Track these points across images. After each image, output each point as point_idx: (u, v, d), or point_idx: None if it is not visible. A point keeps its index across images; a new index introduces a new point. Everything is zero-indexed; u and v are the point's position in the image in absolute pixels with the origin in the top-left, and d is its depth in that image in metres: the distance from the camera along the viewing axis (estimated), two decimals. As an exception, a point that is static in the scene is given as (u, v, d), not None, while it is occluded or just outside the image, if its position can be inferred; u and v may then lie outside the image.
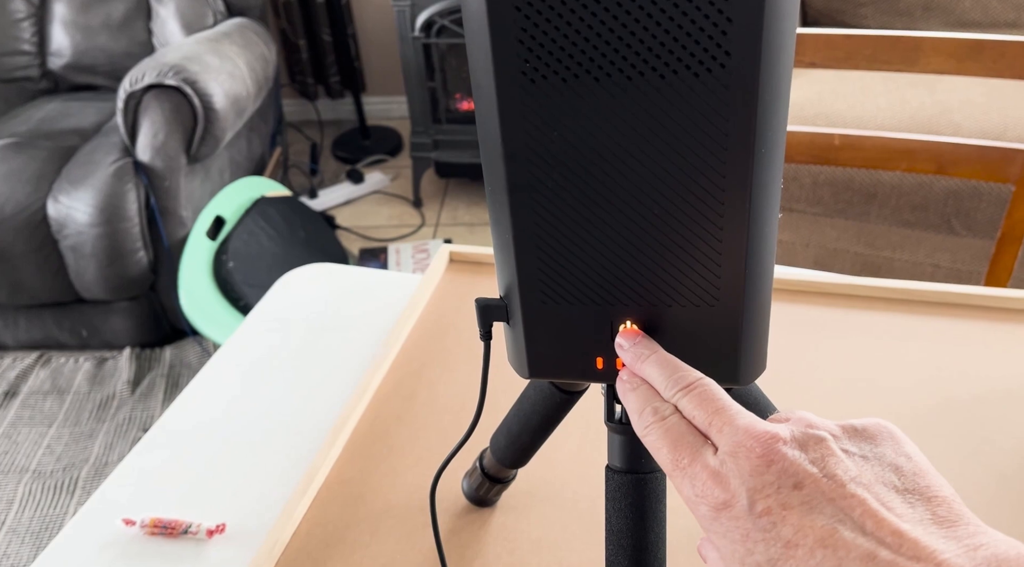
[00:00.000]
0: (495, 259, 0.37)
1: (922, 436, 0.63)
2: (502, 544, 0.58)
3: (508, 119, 0.31)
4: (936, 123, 1.57)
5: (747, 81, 0.29)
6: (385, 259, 2.21)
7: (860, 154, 1.22)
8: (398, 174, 2.63)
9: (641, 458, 0.41)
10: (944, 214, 1.61)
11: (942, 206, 1.60)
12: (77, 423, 1.81)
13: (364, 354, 0.77)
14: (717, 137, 0.30)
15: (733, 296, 0.34)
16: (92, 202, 1.76)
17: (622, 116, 0.30)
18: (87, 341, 1.98)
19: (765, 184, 0.31)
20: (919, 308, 0.75)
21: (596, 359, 0.37)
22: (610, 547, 0.41)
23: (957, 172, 1.18)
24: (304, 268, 0.92)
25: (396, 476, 0.64)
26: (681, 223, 0.32)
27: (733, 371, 0.36)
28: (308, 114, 2.92)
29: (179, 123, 1.80)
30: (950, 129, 1.55)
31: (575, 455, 0.63)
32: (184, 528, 0.61)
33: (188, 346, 1.97)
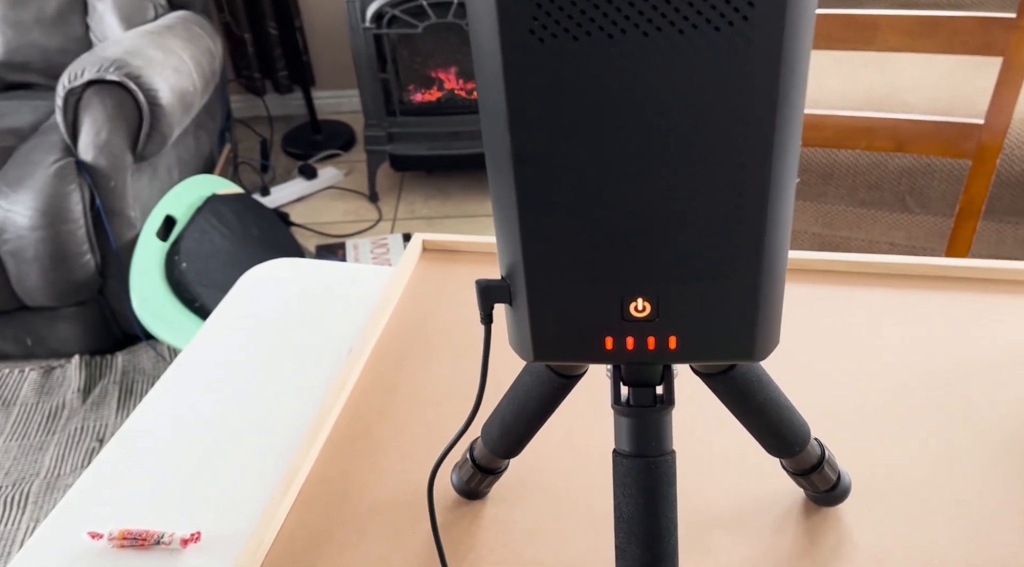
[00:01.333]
0: (496, 237, 0.35)
1: (896, 407, 0.63)
2: (495, 536, 0.56)
3: (514, 84, 0.29)
4: (888, 102, 1.59)
5: (772, 35, 0.27)
6: (343, 255, 2.17)
7: (820, 134, 1.22)
8: (352, 169, 2.58)
9: (651, 441, 0.39)
10: (898, 192, 1.63)
11: (896, 184, 1.62)
12: (25, 436, 1.73)
13: (337, 349, 0.74)
14: (739, 97, 0.28)
15: (751, 266, 0.32)
16: (32, 205, 1.68)
17: (637, 77, 0.29)
18: (32, 350, 1.90)
19: (786, 146, 0.30)
20: (886, 281, 0.76)
21: (606, 339, 0.36)
22: (620, 535, 0.40)
23: (915, 148, 1.20)
24: (267, 264, 0.88)
25: (381, 472, 0.61)
26: (699, 190, 0.31)
27: (748, 346, 0.35)
28: (257, 110, 2.84)
29: (123, 120, 1.73)
30: (901, 108, 1.57)
31: (564, 442, 0.62)
32: (156, 538, 0.58)
33: (141, 351, 1.90)
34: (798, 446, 0.49)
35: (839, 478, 0.54)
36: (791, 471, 0.53)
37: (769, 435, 0.49)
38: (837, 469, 0.54)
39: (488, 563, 0.54)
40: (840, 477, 0.54)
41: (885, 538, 0.54)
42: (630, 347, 0.35)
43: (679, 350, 0.35)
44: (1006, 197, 1.56)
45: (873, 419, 0.62)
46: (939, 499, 0.56)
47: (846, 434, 0.61)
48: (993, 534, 0.53)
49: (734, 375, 0.44)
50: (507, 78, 0.29)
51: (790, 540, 0.54)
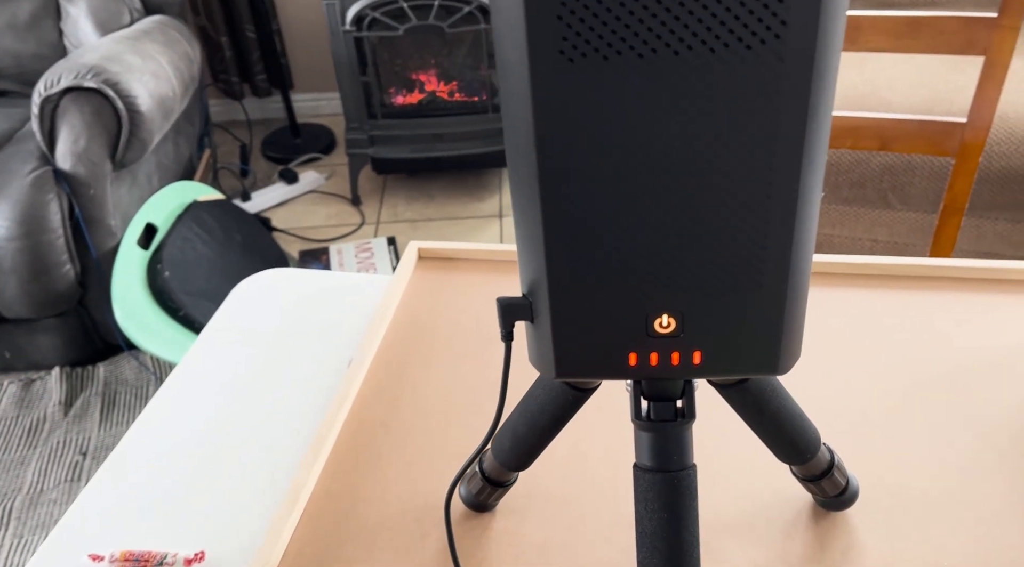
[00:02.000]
0: (518, 253, 0.34)
1: (901, 409, 0.63)
2: (506, 549, 0.56)
3: (542, 102, 0.29)
4: (868, 101, 1.61)
5: (804, 53, 0.27)
6: (327, 260, 2.15)
7: (806, 134, 1.23)
8: (333, 172, 2.56)
9: (673, 455, 0.39)
10: (880, 189, 1.65)
11: (878, 182, 1.64)
12: (6, 450, 1.70)
13: (336, 361, 0.74)
14: (770, 115, 0.28)
15: (778, 280, 0.32)
16: (9, 215, 1.65)
17: (668, 96, 0.28)
18: (11, 363, 1.87)
19: (814, 161, 0.30)
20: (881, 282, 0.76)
21: (630, 355, 0.35)
22: (643, 550, 0.40)
23: (899, 147, 1.21)
24: (258, 275, 0.87)
25: (387, 486, 0.61)
26: (727, 206, 0.31)
27: (772, 360, 0.35)
28: (235, 114, 2.81)
29: (101, 127, 1.71)
30: (881, 106, 1.59)
31: (572, 453, 0.62)
32: (159, 559, 0.57)
33: (123, 362, 1.88)
34: (809, 453, 0.50)
35: (848, 483, 0.54)
36: (801, 477, 0.53)
37: (781, 443, 0.49)
38: (846, 474, 0.54)
39: (500, 577, 0.54)
40: (849, 482, 0.54)
41: (895, 542, 0.54)
42: (654, 363, 0.35)
43: (703, 365, 0.35)
44: (986, 193, 1.59)
45: (877, 422, 0.63)
46: (946, 501, 0.56)
47: (852, 438, 0.61)
48: (1002, 536, 0.54)
49: (750, 386, 0.44)
50: (535, 97, 0.29)
51: (800, 545, 0.54)
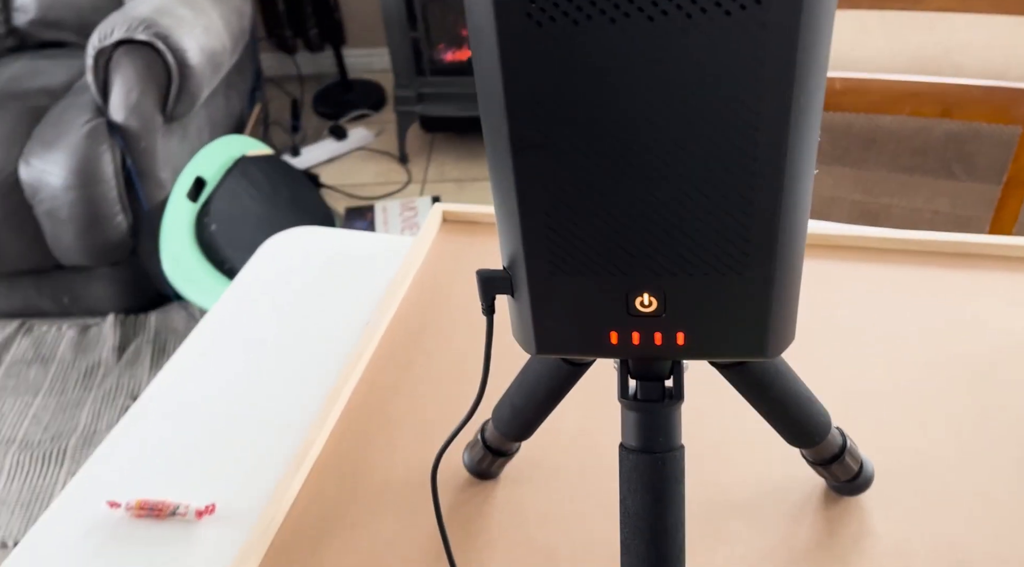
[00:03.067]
0: (497, 226, 0.33)
1: (925, 394, 0.60)
2: (508, 518, 0.56)
3: (511, 69, 0.28)
4: (938, 64, 1.52)
5: (788, 20, 0.25)
6: (372, 218, 2.17)
7: (863, 98, 1.18)
8: (382, 129, 2.56)
9: (659, 436, 0.38)
10: (944, 159, 1.57)
11: (942, 150, 1.56)
12: (63, 392, 1.77)
13: (357, 321, 0.74)
14: (751, 86, 0.26)
15: (764, 260, 0.31)
16: (66, 165, 1.70)
17: (642, 63, 0.27)
18: (69, 308, 1.94)
19: (803, 136, 0.28)
20: (923, 259, 0.72)
21: (610, 334, 0.34)
22: (626, 530, 0.39)
23: (962, 114, 1.15)
24: (289, 232, 0.88)
25: (395, 450, 0.61)
26: (708, 182, 0.29)
27: (760, 343, 0.33)
28: (287, 69, 2.83)
29: (153, 80, 1.73)
30: (952, 70, 1.51)
31: (579, 425, 0.61)
32: (172, 510, 0.58)
33: (174, 311, 1.93)
34: (818, 437, 0.48)
35: (861, 468, 0.52)
36: (811, 461, 0.52)
37: (787, 426, 0.47)
38: (859, 458, 0.52)
39: (499, 546, 0.54)
40: (863, 467, 0.52)
41: (908, 530, 0.52)
42: (636, 343, 0.34)
43: (687, 346, 0.34)
44: (1057, 164, 1.49)
45: (902, 406, 0.60)
46: (966, 491, 0.54)
47: (873, 421, 0.59)
48: (1021, 530, 0.51)
49: (750, 367, 0.42)
50: (504, 64, 0.28)
51: (809, 530, 0.53)
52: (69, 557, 0.56)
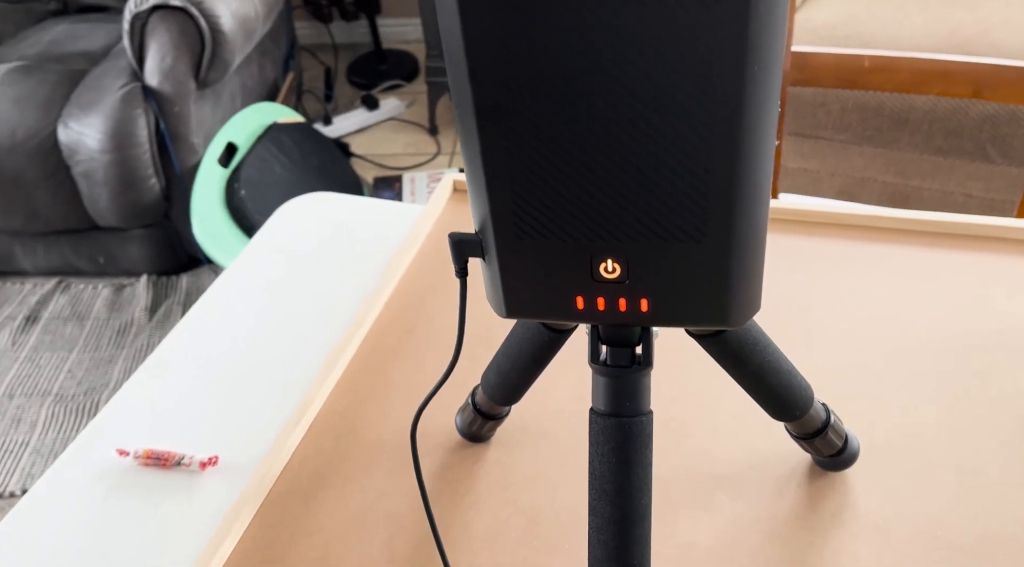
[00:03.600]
0: (468, 191, 0.34)
1: (942, 378, 0.60)
2: (495, 480, 0.57)
3: (473, 32, 0.28)
4: (976, 43, 1.48)
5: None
6: (400, 188, 2.18)
7: (892, 77, 1.15)
8: (414, 100, 2.57)
9: (626, 401, 0.39)
10: (979, 141, 1.54)
11: (977, 132, 1.52)
12: (97, 348, 1.83)
13: (364, 285, 0.75)
14: (704, 54, 0.27)
15: (722, 231, 0.31)
16: (102, 128, 1.74)
17: (598, 30, 0.27)
18: (104, 268, 1.99)
19: (758, 108, 0.28)
20: (946, 241, 0.72)
21: (576, 298, 0.35)
22: (592, 491, 0.40)
23: (995, 96, 1.12)
24: (306, 197, 0.90)
25: (390, 410, 0.63)
26: (665, 150, 0.29)
27: (723, 312, 0.34)
28: (322, 37, 2.84)
29: (187, 46, 1.76)
30: (990, 49, 1.46)
31: (572, 391, 0.62)
32: (177, 460, 0.61)
33: (204, 274, 1.98)
34: (799, 410, 0.48)
35: (846, 443, 0.53)
36: (795, 435, 0.52)
37: (768, 398, 0.47)
38: (843, 434, 0.52)
39: (485, 506, 0.55)
40: (847, 442, 0.53)
41: (888, 506, 0.52)
42: (601, 308, 0.35)
43: (651, 313, 0.34)
44: (1097, 150, 1.45)
45: (896, 384, 0.60)
46: (951, 470, 0.54)
47: (865, 398, 0.59)
48: (1004, 509, 0.51)
49: (726, 338, 0.42)
50: (464, 27, 0.28)
51: (790, 502, 0.53)
52: (79, 500, 0.59)
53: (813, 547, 0.51)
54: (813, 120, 1.60)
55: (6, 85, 1.81)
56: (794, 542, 0.51)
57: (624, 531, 0.39)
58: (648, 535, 0.40)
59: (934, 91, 1.14)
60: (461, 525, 0.54)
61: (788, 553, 0.50)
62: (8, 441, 1.62)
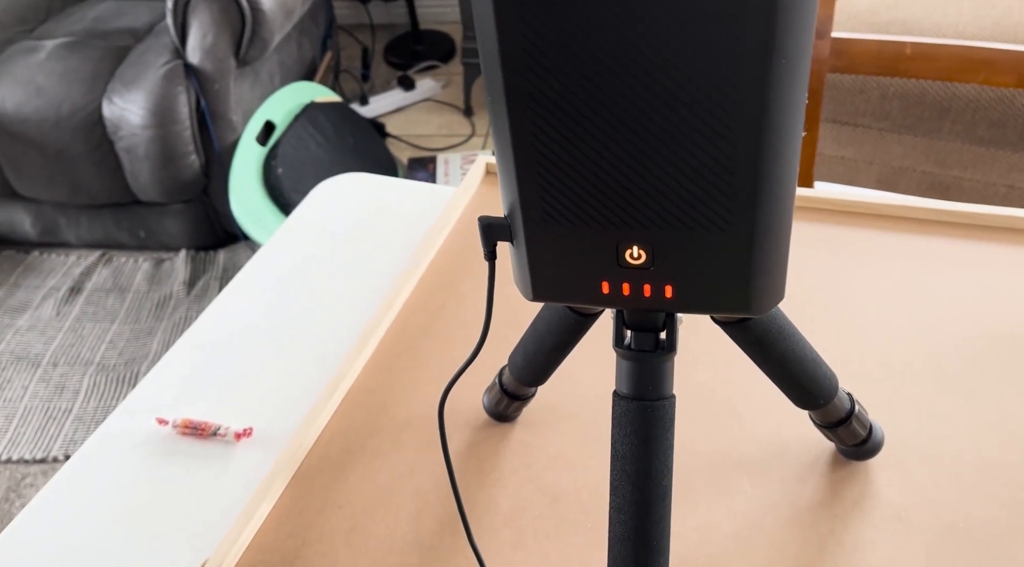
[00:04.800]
0: (498, 175, 0.35)
1: (969, 371, 0.60)
2: (519, 459, 0.58)
3: (504, 21, 0.29)
4: (1023, 30, 1.45)
5: (767, -20, 0.26)
6: (434, 169, 2.20)
7: (933, 64, 1.13)
8: (449, 81, 2.57)
9: (649, 385, 0.39)
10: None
11: (1022, 122, 1.49)
12: (137, 320, 1.88)
13: (396, 265, 0.77)
14: (731, 43, 0.27)
15: (746, 220, 0.31)
16: (144, 104, 1.77)
17: (627, 20, 0.28)
18: (145, 242, 2.04)
19: (784, 98, 0.28)
20: (983, 233, 0.71)
21: (602, 283, 0.36)
22: (614, 472, 0.41)
23: (1040, 86, 1.10)
24: (341, 177, 0.91)
25: (420, 387, 0.64)
26: (690, 140, 0.30)
27: (745, 301, 0.34)
28: (360, 17, 2.85)
29: (227, 24, 1.78)
30: (1039, 38, 1.43)
31: (598, 375, 0.63)
32: (213, 430, 0.63)
33: (240, 250, 2.01)
34: (823, 399, 0.49)
35: (870, 433, 0.53)
36: (818, 423, 0.52)
37: (792, 386, 0.48)
38: (868, 424, 0.53)
39: (509, 484, 0.56)
40: (871, 432, 0.53)
41: (910, 496, 0.52)
42: (626, 294, 0.35)
43: (675, 299, 0.35)
44: None
45: (923, 375, 0.60)
46: (974, 462, 0.54)
47: (891, 388, 0.59)
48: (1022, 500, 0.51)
49: (751, 325, 0.43)
50: (497, 16, 0.29)
51: (812, 490, 0.54)
52: (120, 466, 0.61)
53: (833, 534, 0.51)
54: (852, 107, 1.57)
55: (53, 60, 1.85)
56: (814, 529, 0.52)
57: (644, 511, 0.40)
58: (668, 516, 0.41)
59: (977, 79, 1.12)
60: (485, 502, 0.56)
61: (808, 539, 0.51)
62: (52, 408, 1.67)
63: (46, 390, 1.71)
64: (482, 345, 0.42)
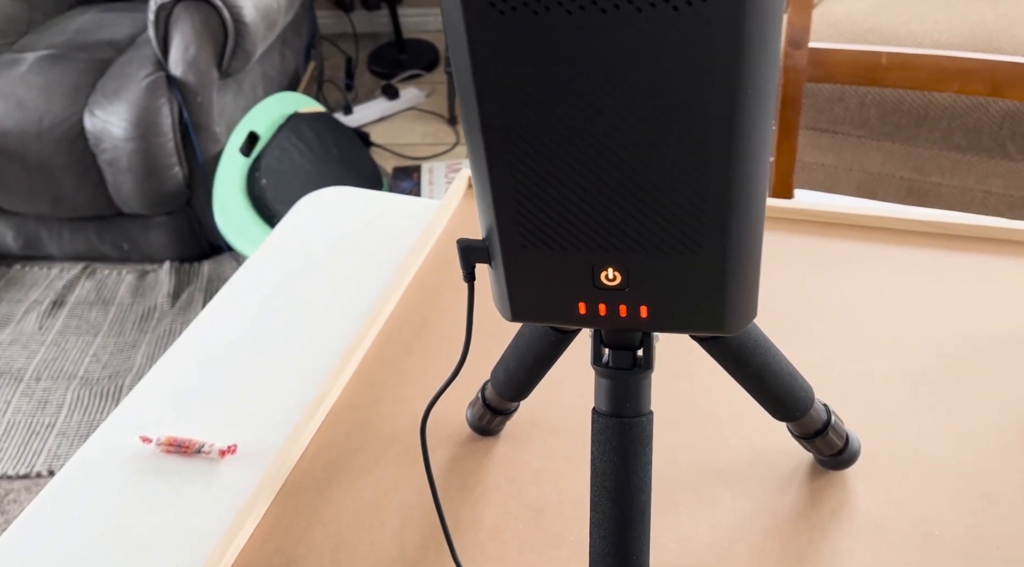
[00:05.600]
0: (475, 199, 0.35)
1: (946, 381, 0.61)
2: (503, 473, 0.59)
3: (478, 53, 0.30)
4: (997, 39, 1.47)
5: (732, 13, 0.26)
6: (418, 178, 2.20)
7: (909, 74, 1.15)
8: (433, 90, 2.58)
9: (627, 402, 0.40)
10: (999, 138, 1.53)
11: (997, 129, 1.51)
12: (121, 333, 1.87)
13: (380, 279, 0.77)
14: (699, 75, 0.28)
15: (718, 244, 0.32)
16: (126, 116, 1.77)
17: (596, 52, 0.28)
18: (128, 254, 2.03)
19: (752, 126, 0.29)
20: (959, 243, 0.72)
21: (578, 304, 0.36)
22: (594, 488, 0.41)
23: (1013, 94, 1.12)
24: (325, 190, 0.91)
25: (404, 403, 0.64)
26: (662, 167, 0.31)
27: (719, 320, 0.35)
28: (343, 27, 2.86)
29: (210, 36, 1.78)
30: (1011, 46, 1.45)
31: (581, 389, 0.63)
32: (198, 447, 0.63)
33: (225, 261, 2.01)
34: (799, 412, 0.49)
35: (847, 443, 0.54)
36: (796, 434, 0.53)
37: (769, 399, 0.49)
38: (844, 434, 0.53)
39: (493, 498, 0.57)
40: (848, 442, 0.54)
41: (887, 505, 0.53)
42: (603, 314, 0.36)
43: (650, 319, 0.36)
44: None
45: (900, 386, 0.61)
46: (950, 472, 0.55)
47: (869, 399, 0.60)
48: (1002, 511, 0.52)
49: (727, 341, 0.44)
50: (471, 48, 0.30)
51: (791, 500, 0.55)
52: (104, 484, 0.61)
53: (812, 544, 0.52)
54: (831, 115, 1.59)
55: (34, 73, 1.84)
56: (793, 539, 0.52)
57: (624, 527, 0.40)
58: (647, 532, 0.41)
59: (952, 89, 1.13)
60: (469, 516, 0.56)
61: (787, 549, 0.52)
62: (35, 423, 1.66)
63: (29, 405, 1.70)
64: (462, 365, 0.43)
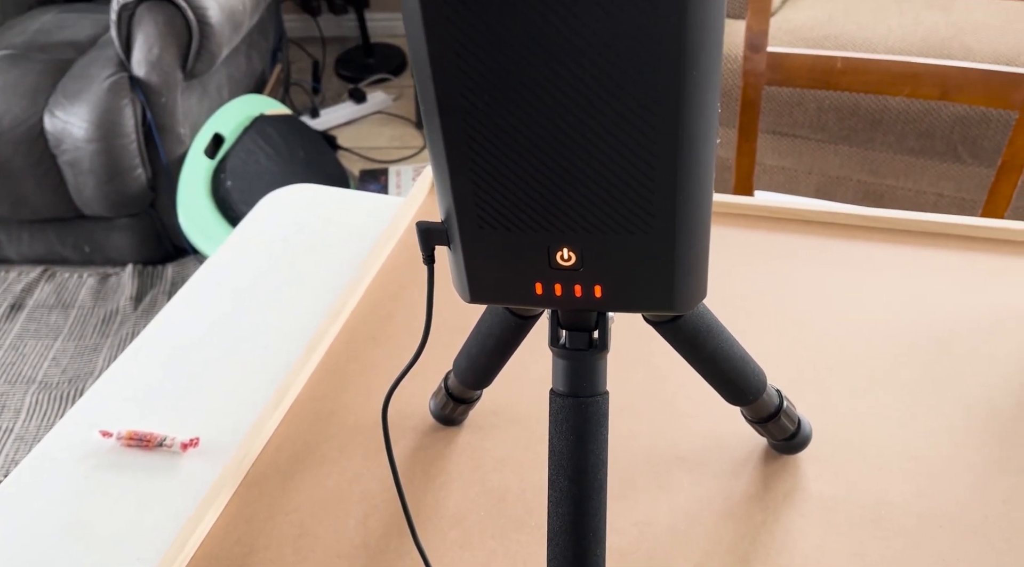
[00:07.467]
0: (434, 182, 0.36)
1: (895, 368, 0.63)
2: (466, 462, 0.59)
3: (434, 37, 0.31)
4: (948, 46, 1.52)
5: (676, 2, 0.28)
6: (386, 181, 2.20)
7: (863, 78, 1.18)
8: (401, 94, 2.58)
9: (584, 382, 0.41)
10: (950, 141, 1.57)
11: (948, 133, 1.56)
12: (82, 337, 1.84)
13: (345, 275, 0.78)
14: (645, 58, 0.29)
15: (667, 223, 0.34)
16: (88, 118, 1.75)
17: (547, 36, 0.30)
18: (90, 257, 2.00)
19: (697, 108, 0.31)
20: (908, 238, 0.75)
21: (535, 284, 0.37)
22: (552, 467, 0.42)
23: (962, 98, 1.15)
24: (289, 188, 0.92)
25: (368, 395, 0.65)
26: (611, 147, 0.32)
27: (669, 299, 0.36)
28: (311, 30, 2.85)
29: (173, 37, 1.77)
30: (961, 52, 1.50)
31: (541, 378, 0.64)
32: (159, 441, 0.63)
33: (189, 264, 1.99)
34: (751, 395, 0.51)
35: (799, 428, 0.55)
36: (749, 419, 0.55)
37: (722, 383, 0.50)
38: (796, 419, 0.55)
39: (456, 486, 0.58)
40: (800, 427, 0.56)
41: (837, 487, 0.55)
42: (558, 294, 0.37)
43: (604, 299, 0.37)
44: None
45: (851, 373, 0.63)
46: (897, 454, 0.57)
47: (820, 386, 0.62)
48: (944, 490, 0.54)
49: (681, 324, 0.45)
50: (427, 32, 0.31)
51: (745, 484, 0.56)
52: (63, 480, 0.61)
53: (765, 525, 0.53)
54: (790, 119, 1.63)
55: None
56: (747, 520, 0.54)
57: (580, 504, 0.41)
58: (603, 509, 0.42)
59: (903, 92, 1.17)
60: (433, 504, 0.57)
61: (742, 531, 0.53)
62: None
63: (-14, 410, 1.66)
64: (424, 345, 0.43)
